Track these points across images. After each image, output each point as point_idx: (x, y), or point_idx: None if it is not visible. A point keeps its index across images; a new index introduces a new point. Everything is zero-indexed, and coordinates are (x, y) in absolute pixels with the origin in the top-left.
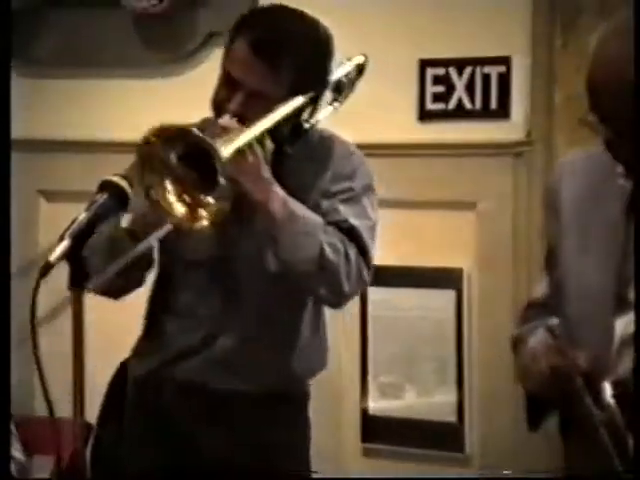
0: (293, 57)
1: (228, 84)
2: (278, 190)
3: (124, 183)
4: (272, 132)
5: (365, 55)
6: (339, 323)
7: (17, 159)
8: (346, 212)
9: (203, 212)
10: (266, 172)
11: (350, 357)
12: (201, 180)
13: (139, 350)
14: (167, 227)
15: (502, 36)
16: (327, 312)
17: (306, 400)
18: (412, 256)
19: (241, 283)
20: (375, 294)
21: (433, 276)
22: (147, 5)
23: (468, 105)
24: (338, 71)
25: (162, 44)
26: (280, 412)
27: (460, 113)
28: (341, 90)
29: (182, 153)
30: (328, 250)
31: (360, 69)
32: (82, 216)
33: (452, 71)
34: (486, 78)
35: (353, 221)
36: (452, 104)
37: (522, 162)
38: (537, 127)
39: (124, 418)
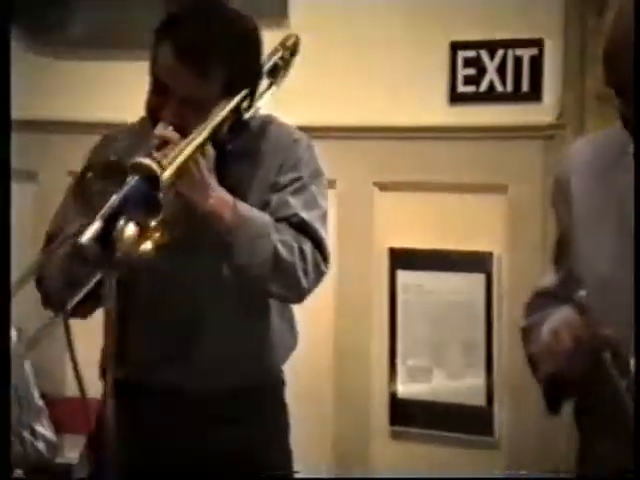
0: (221, 59)
1: (158, 90)
2: (226, 196)
3: (155, 165)
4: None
5: (296, 34)
6: (366, 306)
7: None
8: (296, 204)
9: (149, 237)
10: (211, 180)
11: (379, 341)
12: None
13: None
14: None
15: (534, 19)
16: (355, 296)
17: (282, 386)
18: (442, 239)
19: (206, 290)
20: (405, 277)
21: (462, 260)
22: None
23: (499, 88)
24: (271, 59)
25: None
26: (259, 403)
27: (491, 96)
28: (276, 74)
29: (120, 184)
30: (282, 250)
31: (293, 49)
32: (113, 198)
33: (483, 54)
34: (518, 61)
35: (304, 214)
36: (483, 87)
37: (554, 145)
38: (569, 110)
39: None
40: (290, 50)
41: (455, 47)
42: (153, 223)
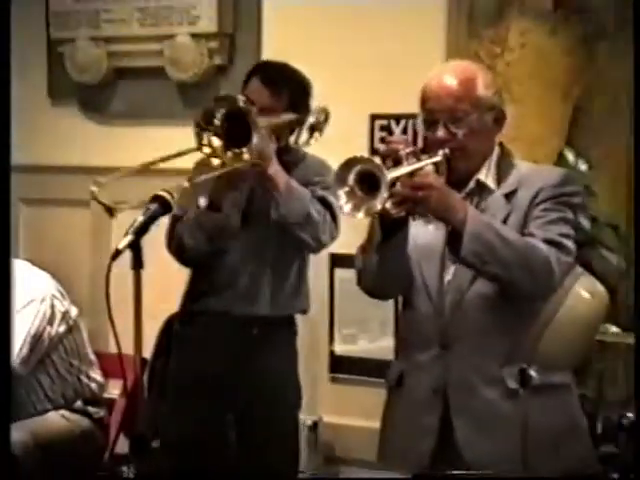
0: (287, 86)
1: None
2: (283, 172)
3: (168, 196)
4: (280, 144)
5: (327, 108)
6: (315, 294)
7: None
8: (324, 193)
9: (241, 156)
10: (277, 161)
11: (323, 316)
12: (238, 138)
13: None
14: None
15: None
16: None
17: (296, 333)
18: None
19: (258, 235)
20: (340, 273)
21: None
22: (185, 77)
23: None
24: (313, 114)
25: (195, 103)
26: (280, 338)
27: None
28: (314, 131)
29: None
30: (313, 211)
31: (326, 118)
32: (140, 218)
33: (392, 122)
34: (415, 127)
35: (330, 198)
36: None
37: None
38: None
39: (171, 351)
40: (324, 118)
41: (374, 117)
42: (245, 150)
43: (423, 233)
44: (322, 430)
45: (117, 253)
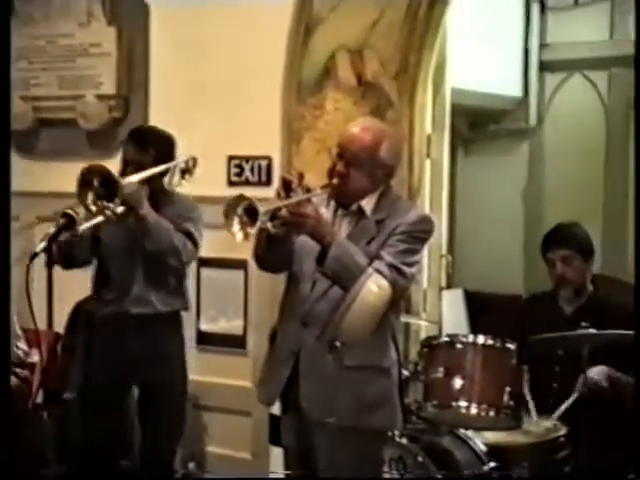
0: (154, 145)
1: (125, 163)
2: (152, 212)
3: (74, 213)
4: (152, 187)
5: (194, 156)
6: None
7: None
8: (189, 226)
9: (108, 211)
10: (145, 200)
11: (192, 302)
12: (109, 195)
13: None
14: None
15: (266, 141)
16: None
17: (181, 325)
18: (229, 252)
19: (143, 256)
20: (205, 272)
21: (233, 263)
22: (91, 127)
23: (251, 179)
24: (181, 161)
25: (99, 146)
26: (168, 329)
27: (247, 182)
28: (184, 174)
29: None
30: (176, 241)
31: (194, 164)
32: (51, 229)
33: (244, 162)
34: (260, 166)
35: (191, 229)
36: (243, 177)
37: None
38: None
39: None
40: (193, 161)
41: (230, 158)
42: (116, 204)
43: (311, 240)
44: (190, 385)
45: (34, 255)
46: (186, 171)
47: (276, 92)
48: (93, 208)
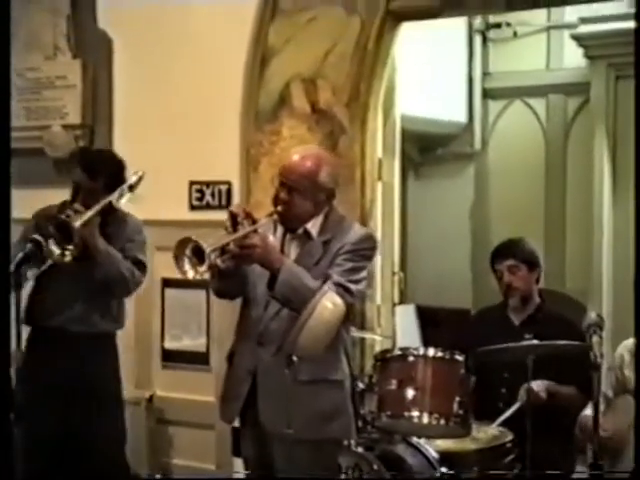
0: (104, 169)
1: (76, 189)
2: (104, 244)
3: (41, 238)
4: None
5: (142, 171)
6: (153, 304)
7: None
8: (137, 252)
9: (67, 253)
10: (97, 232)
11: (158, 321)
12: (64, 238)
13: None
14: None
15: (226, 168)
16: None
17: (115, 345)
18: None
19: (88, 282)
20: (169, 293)
21: (194, 284)
22: (58, 155)
23: (212, 202)
24: (131, 179)
25: (65, 173)
26: (104, 348)
27: (207, 206)
28: (131, 189)
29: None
30: (124, 270)
31: (139, 179)
32: (20, 254)
33: (204, 187)
34: (220, 191)
35: (139, 255)
36: (204, 202)
37: None
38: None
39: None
40: (140, 178)
41: (192, 183)
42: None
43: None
44: (156, 400)
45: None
46: (132, 187)
47: (235, 120)
48: (56, 251)
